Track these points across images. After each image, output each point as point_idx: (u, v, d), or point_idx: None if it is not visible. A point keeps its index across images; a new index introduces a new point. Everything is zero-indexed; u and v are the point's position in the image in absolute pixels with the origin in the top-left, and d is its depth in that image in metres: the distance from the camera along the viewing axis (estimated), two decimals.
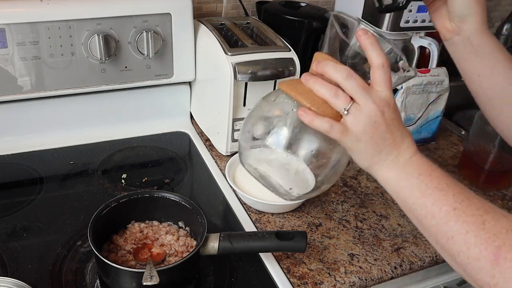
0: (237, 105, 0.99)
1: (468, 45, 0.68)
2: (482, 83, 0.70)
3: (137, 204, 0.77)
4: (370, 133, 0.55)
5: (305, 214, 0.89)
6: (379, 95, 0.54)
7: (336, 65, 0.56)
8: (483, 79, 0.70)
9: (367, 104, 0.54)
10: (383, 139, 0.55)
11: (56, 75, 0.96)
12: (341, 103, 0.55)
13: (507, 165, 0.99)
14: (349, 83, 0.54)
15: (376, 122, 0.54)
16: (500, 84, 0.68)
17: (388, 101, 0.54)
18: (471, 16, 0.66)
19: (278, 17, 1.13)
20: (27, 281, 0.66)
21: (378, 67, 0.54)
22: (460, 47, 0.69)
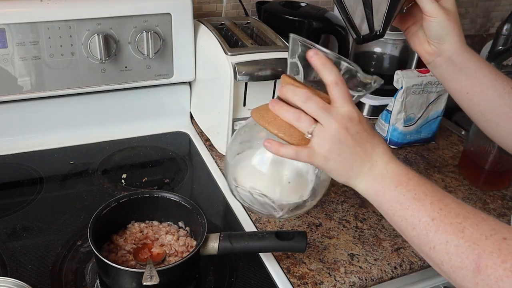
0: (237, 105, 0.99)
1: (451, 64, 0.69)
2: (472, 100, 0.70)
3: (137, 204, 0.77)
4: (337, 151, 0.55)
5: (305, 214, 0.89)
6: (339, 112, 0.55)
7: (295, 89, 0.57)
8: (472, 95, 0.70)
9: (329, 123, 0.55)
10: (352, 153, 0.56)
11: (56, 75, 0.96)
12: (305, 126, 0.56)
13: (507, 165, 0.99)
14: (309, 105, 0.56)
15: (341, 139, 0.55)
16: (490, 98, 0.69)
17: (350, 116, 0.55)
18: (448, 36, 0.66)
19: (278, 17, 1.13)
20: (27, 281, 0.66)
21: (332, 84, 0.55)
22: (443, 68, 0.70)
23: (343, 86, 0.55)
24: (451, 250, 0.48)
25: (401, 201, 0.53)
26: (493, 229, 0.48)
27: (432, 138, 1.17)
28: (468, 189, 1.01)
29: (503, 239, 0.46)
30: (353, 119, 0.55)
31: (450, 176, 1.05)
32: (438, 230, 0.50)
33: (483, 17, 1.69)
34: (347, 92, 0.55)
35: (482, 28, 1.72)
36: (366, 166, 0.56)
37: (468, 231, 0.48)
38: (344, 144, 0.55)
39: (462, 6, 1.61)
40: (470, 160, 1.04)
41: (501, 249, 0.45)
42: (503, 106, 0.68)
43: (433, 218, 0.50)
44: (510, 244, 0.46)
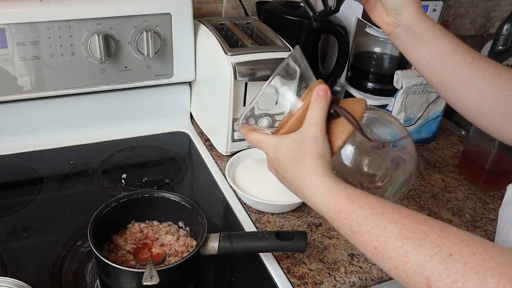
0: (237, 105, 0.99)
1: (411, 34, 0.69)
2: (433, 70, 0.70)
3: (137, 204, 0.77)
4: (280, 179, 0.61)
5: (305, 214, 0.89)
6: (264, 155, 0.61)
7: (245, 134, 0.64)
8: (433, 65, 0.70)
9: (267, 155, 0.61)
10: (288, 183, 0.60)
11: (56, 75, 0.96)
12: None
13: (507, 165, 0.99)
14: None
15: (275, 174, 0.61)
16: (450, 68, 0.69)
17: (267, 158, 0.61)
18: (406, 6, 0.67)
19: (278, 17, 1.13)
20: (27, 281, 0.66)
21: None
22: (403, 38, 0.70)
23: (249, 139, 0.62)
24: (402, 275, 0.46)
25: (344, 233, 0.53)
26: (437, 245, 0.44)
27: (432, 138, 1.17)
28: (468, 189, 1.01)
29: (449, 255, 0.43)
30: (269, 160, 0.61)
31: (450, 176, 1.05)
32: (383, 258, 0.48)
33: (483, 17, 1.69)
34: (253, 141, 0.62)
35: (482, 28, 1.72)
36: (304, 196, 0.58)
37: (411, 254, 0.45)
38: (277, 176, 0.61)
39: (462, 6, 1.61)
40: (470, 160, 1.04)
41: (449, 268, 0.43)
42: (462, 76, 0.68)
43: (375, 247, 0.49)
44: (457, 260, 0.43)
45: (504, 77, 0.67)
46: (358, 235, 0.50)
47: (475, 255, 0.42)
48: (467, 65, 0.67)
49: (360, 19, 1.17)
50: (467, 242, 0.44)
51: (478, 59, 0.67)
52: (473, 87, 0.68)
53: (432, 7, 1.10)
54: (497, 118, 0.69)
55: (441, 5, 1.10)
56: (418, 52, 0.70)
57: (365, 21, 1.15)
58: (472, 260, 0.42)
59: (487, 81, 0.67)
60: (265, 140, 0.61)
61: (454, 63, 0.68)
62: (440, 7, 1.10)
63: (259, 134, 0.62)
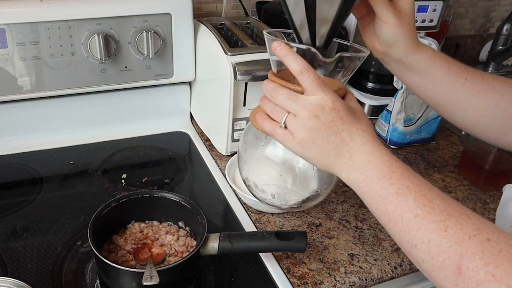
0: (237, 105, 0.99)
1: (400, 64, 0.67)
2: (426, 93, 0.69)
3: (137, 204, 0.77)
4: (310, 139, 0.54)
5: (305, 214, 0.89)
6: (309, 101, 0.53)
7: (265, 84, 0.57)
8: (425, 90, 0.69)
9: (299, 112, 0.54)
10: (327, 142, 0.54)
11: (56, 75, 0.96)
12: (278, 117, 0.56)
13: (507, 165, 0.99)
14: (277, 99, 0.55)
15: (313, 128, 0.53)
16: (443, 92, 0.68)
17: (322, 104, 0.53)
18: (398, 42, 0.63)
19: (278, 17, 1.13)
20: (27, 281, 0.66)
21: (298, 74, 0.54)
22: (393, 66, 0.68)
23: (310, 74, 0.53)
24: (433, 249, 0.47)
25: (383, 195, 0.51)
26: (478, 228, 0.46)
27: (432, 138, 1.17)
28: (468, 189, 1.01)
29: (487, 240, 0.44)
30: (324, 107, 0.53)
31: (450, 176, 1.05)
32: (420, 228, 0.48)
33: (483, 17, 1.69)
34: (316, 79, 0.53)
35: (482, 28, 1.72)
36: (345, 156, 0.54)
37: (451, 230, 0.46)
38: (316, 132, 0.54)
39: (462, 6, 1.61)
40: (470, 160, 1.04)
41: (483, 251, 0.44)
42: (457, 98, 0.67)
43: (416, 215, 0.48)
44: (493, 246, 0.44)
45: (498, 91, 0.67)
46: (403, 199, 0.50)
47: (511, 246, 0.43)
48: (461, 86, 0.67)
49: None
50: (505, 234, 0.45)
51: (471, 78, 0.67)
52: (468, 107, 0.68)
53: (432, 7, 1.10)
54: (495, 131, 0.69)
55: (441, 5, 1.10)
56: (409, 78, 0.69)
57: None
58: (507, 249, 0.43)
59: (482, 99, 0.67)
60: (327, 86, 0.54)
61: (448, 87, 0.67)
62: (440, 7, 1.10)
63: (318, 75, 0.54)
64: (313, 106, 0.53)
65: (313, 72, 0.53)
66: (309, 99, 0.53)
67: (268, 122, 0.57)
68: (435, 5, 1.10)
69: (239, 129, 1.00)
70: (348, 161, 0.54)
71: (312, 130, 0.54)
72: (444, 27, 1.47)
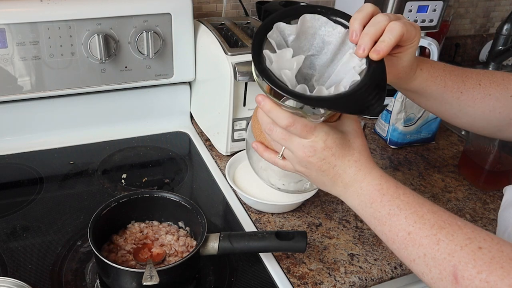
0: (237, 105, 0.99)
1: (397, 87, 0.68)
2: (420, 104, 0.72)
3: (137, 204, 0.77)
4: (306, 173, 0.59)
5: (305, 214, 0.89)
6: (302, 143, 0.56)
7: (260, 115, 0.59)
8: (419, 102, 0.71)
9: (294, 152, 0.57)
10: (321, 176, 0.58)
11: (56, 75, 0.96)
12: (276, 148, 0.61)
13: (507, 165, 0.99)
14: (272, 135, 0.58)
15: (307, 165, 0.58)
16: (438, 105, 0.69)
17: (314, 146, 0.56)
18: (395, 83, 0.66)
19: None
20: (27, 281, 0.66)
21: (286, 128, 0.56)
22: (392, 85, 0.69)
23: (297, 125, 0.55)
24: (429, 263, 0.49)
25: (377, 217, 0.54)
26: (469, 238, 0.47)
27: (432, 138, 1.17)
28: (468, 189, 1.01)
29: (479, 248, 0.46)
30: (316, 149, 0.56)
31: (450, 176, 1.05)
32: (415, 244, 0.50)
33: (483, 17, 1.69)
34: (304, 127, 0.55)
35: (482, 28, 1.72)
36: (339, 186, 0.58)
37: (443, 243, 0.48)
38: (311, 169, 0.58)
39: (462, 6, 1.61)
40: (470, 160, 1.04)
41: (476, 259, 0.46)
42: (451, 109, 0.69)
43: (409, 232, 0.51)
44: (485, 253, 0.46)
45: (494, 96, 0.67)
46: (395, 219, 0.52)
47: (503, 252, 0.45)
48: (455, 100, 0.68)
49: None
50: (497, 241, 0.47)
51: (467, 90, 0.67)
52: (463, 116, 0.70)
53: (432, 7, 1.10)
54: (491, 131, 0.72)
55: (441, 5, 1.10)
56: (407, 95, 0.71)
57: None
58: (499, 256, 0.45)
59: (477, 108, 0.68)
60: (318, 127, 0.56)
61: (442, 102, 0.69)
62: (440, 7, 1.10)
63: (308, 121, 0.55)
64: (306, 148, 0.56)
65: (299, 122, 0.55)
66: (302, 141, 0.56)
67: (267, 153, 0.62)
68: (435, 5, 1.10)
69: (239, 129, 1.00)
70: (343, 189, 0.58)
71: (307, 167, 0.58)
72: (444, 27, 1.47)
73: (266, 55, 0.54)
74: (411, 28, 0.57)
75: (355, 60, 0.55)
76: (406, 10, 1.07)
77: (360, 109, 0.52)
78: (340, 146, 0.56)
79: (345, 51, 0.58)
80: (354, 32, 0.56)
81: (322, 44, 0.59)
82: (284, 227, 0.86)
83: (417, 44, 0.60)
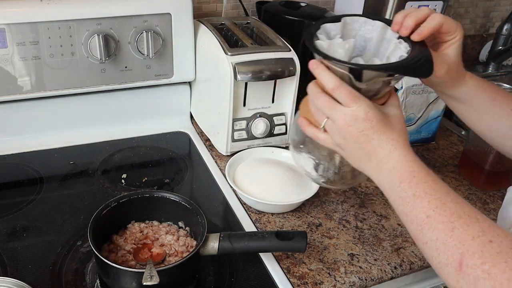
0: (237, 105, 0.99)
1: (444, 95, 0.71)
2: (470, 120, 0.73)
3: (137, 204, 0.77)
4: (344, 145, 0.61)
5: (305, 214, 0.89)
6: (344, 111, 0.58)
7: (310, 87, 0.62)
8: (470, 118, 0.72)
9: (336, 120, 0.60)
10: (358, 149, 0.59)
11: (56, 75, 0.96)
12: (319, 119, 0.62)
13: (507, 165, 0.99)
14: (317, 103, 0.61)
15: (346, 136, 0.59)
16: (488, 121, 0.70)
17: (355, 115, 0.58)
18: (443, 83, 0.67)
19: (278, 17, 1.13)
20: (27, 281, 0.66)
21: (332, 91, 0.59)
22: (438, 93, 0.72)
23: (342, 89, 0.58)
24: (439, 247, 0.51)
25: (402, 197, 0.56)
26: (483, 231, 0.49)
27: (432, 138, 1.17)
28: (468, 189, 1.01)
29: (489, 242, 0.48)
30: (357, 118, 0.58)
31: (450, 176, 1.05)
32: (430, 228, 0.52)
33: (483, 17, 1.69)
34: (348, 93, 0.58)
35: (482, 28, 1.72)
36: (373, 162, 0.59)
37: (457, 231, 0.50)
38: (349, 140, 0.59)
39: (462, 6, 1.61)
40: (470, 160, 1.04)
41: (483, 251, 0.47)
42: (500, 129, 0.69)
43: (428, 215, 0.53)
44: (494, 247, 0.47)
45: None
46: (418, 201, 0.54)
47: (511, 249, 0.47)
48: (505, 117, 0.68)
49: None
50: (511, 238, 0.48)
51: None
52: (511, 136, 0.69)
53: (432, 7, 1.10)
54: None
55: (441, 5, 1.10)
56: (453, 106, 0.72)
57: None
58: (506, 252, 0.47)
59: None
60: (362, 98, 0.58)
61: (492, 117, 0.69)
62: (440, 7, 1.10)
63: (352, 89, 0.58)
64: (347, 116, 0.58)
65: (345, 87, 0.58)
66: (345, 110, 0.58)
67: (310, 128, 0.65)
68: (435, 5, 1.10)
69: (239, 129, 1.00)
70: (376, 166, 0.59)
71: (346, 137, 0.59)
72: None
73: (318, 44, 0.59)
74: (450, 21, 0.61)
75: (401, 48, 0.60)
76: None
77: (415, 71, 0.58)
78: (381, 122, 0.58)
79: (387, 44, 0.62)
80: (398, 21, 0.60)
81: (364, 43, 0.64)
82: (284, 227, 0.86)
83: (461, 39, 0.63)
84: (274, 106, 1.02)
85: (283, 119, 1.03)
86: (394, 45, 0.61)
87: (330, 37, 0.62)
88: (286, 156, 0.98)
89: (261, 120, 1.01)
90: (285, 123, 1.04)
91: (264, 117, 1.01)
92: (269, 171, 0.91)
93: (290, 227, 0.86)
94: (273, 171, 0.91)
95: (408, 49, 0.59)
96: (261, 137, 1.02)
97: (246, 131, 1.01)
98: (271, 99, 1.01)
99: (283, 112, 1.03)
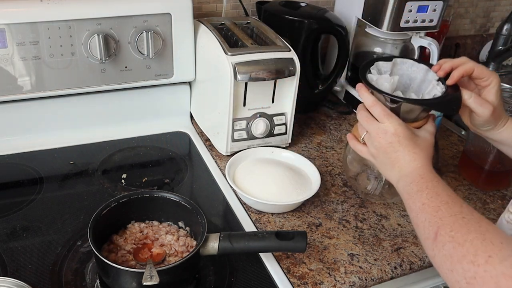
0: (237, 105, 0.99)
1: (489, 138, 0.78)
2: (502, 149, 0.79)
3: (137, 204, 0.77)
4: (377, 154, 0.73)
5: (305, 214, 0.89)
6: (378, 125, 0.71)
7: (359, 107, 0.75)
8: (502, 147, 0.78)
9: (371, 133, 0.72)
10: (386, 158, 0.71)
11: (56, 75, 0.96)
12: (360, 132, 0.76)
13: (507, 165, 0.99)
14: (359, 118, 0.74)
15: (377, 146, 0.72)
16: None
17: (386, 129, 0.70)
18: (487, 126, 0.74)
19: (278, 17, 1.13)
20: (27, 281, 0.66)
21: (369, 108, 0.72)
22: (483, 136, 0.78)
23: (377, 107, 0.71)
24: (425, 225, 0.60)
25: (410, 193, 0.66)
26: (461, 211, 0.58)
27: None
28: (468, 189, 1.01)
29: (462, 218, 0.57)
30: (387, 132, 0.70)
31: (450, 176, 1.05)
32: (423, 212, 0.61)
33: (483, 17, 1.69)
34: (382, 111, 0.70)
35: (482, 28, 1.72)
36: (396, 169, 0.70)
37: (441, 212, 0.59)
38: (379, 149, 0.71)
39: (462, 6, 1.61)
40: (470, 160, 1.04)
41: (455, 223, 0.57)
42: None
43: (423, 203, 0.62)
44: (465, 221, 0.56)
45: None
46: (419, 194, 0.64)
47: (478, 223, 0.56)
48: None
49: (360, 19, 1.17)
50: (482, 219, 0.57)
51: None
52: None
53: (432, 7, 1.09)
54: None
55: (441, 5, 1.10)
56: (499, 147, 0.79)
57: (365, 21, 1.15)
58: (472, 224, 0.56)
59: None
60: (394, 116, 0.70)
61: None
62: (440, 7, 1.10)
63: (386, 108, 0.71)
64: (380, 130, 0.71)
65: (380, 105, 0.71)
66: (378, 124, 0.71)
67: (353, 140, 0.78)
68: (435, 5, 1.10)
69: (239, 129, 1.00)
70: (398, 173, 0.70)
71: (377, 148, 0.72)
72: (444, 27, 1.47)
73: (369, 78, 0.74)
74: (482, 67, 0.73)
75: (437, 88, 0.73)
76: (406, 10, 1.07)
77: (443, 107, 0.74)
78: (407, 138, 0.69)
79: (427, 84, 0.75)
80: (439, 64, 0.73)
81: (408, 81, 0.77)
82: (284, 227, 0.86)
83: (497, 85, 0.73)
84: (274, 106, 1.03)
85: (283, 119, 1.03)
86: (432, 85, 0.74)
87: (380, 72, 0.76)
88: (286, 156, 0.98)
89: (261, 120, 1.01)
90: (285, 123, 1.04)
91: (264, 117, 1.01)
92: (269, 171, 0.91)
93: (290, 227, 0.86)
94: (273, 171, 0.91)
95: (443, 90, 0.72)
96: (261, 137, 1.02)
97: (246, 131, 1.01)
98: (271, 99, 1.02)
99: (283, 112, 1.03)
